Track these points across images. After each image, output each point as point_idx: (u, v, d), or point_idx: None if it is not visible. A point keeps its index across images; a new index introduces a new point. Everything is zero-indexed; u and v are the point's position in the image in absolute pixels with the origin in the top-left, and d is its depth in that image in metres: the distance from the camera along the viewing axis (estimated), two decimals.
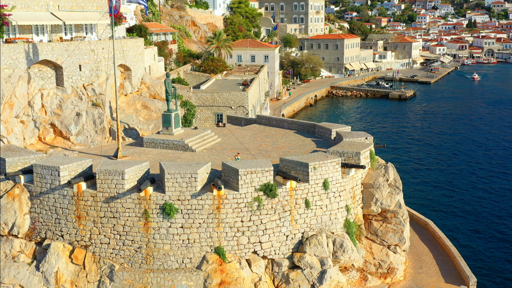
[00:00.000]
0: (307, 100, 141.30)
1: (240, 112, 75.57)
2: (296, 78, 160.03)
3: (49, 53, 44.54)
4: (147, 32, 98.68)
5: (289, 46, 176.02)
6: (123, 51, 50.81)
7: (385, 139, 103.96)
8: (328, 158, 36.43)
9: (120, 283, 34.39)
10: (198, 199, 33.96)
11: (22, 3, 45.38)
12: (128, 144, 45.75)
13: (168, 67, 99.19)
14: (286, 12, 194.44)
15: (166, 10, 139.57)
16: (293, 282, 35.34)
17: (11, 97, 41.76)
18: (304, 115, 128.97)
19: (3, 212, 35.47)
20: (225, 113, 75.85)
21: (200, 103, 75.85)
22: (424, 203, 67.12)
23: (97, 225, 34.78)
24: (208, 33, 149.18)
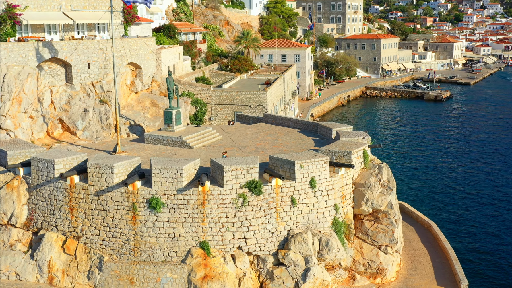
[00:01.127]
0: (339, 100, 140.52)
1: (259, 111, 76.13)
2: (330, 78, 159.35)
3: (58, 51, 46.27)
4: (175, 31, 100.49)
5: (325, 46, 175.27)
6: (133, 49, 52.16)
7: (410, 140, 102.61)
8: (316, 157, 36.63)
9: (108, 273, 35.60)
10: (184, 194, 34.78)
11: (34, 3, 47.31)
12: (131, 140, 47.08)
13: (196, 66, 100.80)
14: (323, 12, 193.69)
15: (200, 10, 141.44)
16: (277, 279, 35.75)
17: (20, 93, 43.65)
18: (335, 115, 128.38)
19: (3, 202, 37.24)
20: (244, 112, 76.63)
21: (220, 101, 76.87)
22: (438, 207, 66.14)
23: (88, 217, 36.10)
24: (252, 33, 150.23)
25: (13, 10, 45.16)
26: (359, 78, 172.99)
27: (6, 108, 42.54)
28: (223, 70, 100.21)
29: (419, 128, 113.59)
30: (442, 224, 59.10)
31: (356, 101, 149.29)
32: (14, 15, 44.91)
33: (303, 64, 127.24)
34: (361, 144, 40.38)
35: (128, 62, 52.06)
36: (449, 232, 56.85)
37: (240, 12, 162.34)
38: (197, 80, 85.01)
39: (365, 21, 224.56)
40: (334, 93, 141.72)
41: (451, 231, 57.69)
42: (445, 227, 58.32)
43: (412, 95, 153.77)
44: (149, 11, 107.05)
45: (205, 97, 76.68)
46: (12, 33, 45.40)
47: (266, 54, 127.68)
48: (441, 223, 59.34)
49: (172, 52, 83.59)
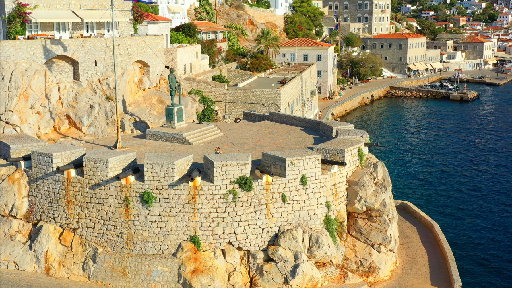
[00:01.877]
0: (362, 100, 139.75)
1: (272, 110, 76.44)
2: (354, 77, 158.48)
3: (66, 49, 47.55)
4: (195, 30, 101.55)
5: (351, 45, 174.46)
6: (141, 47, 53.19)
7: (429, 140, 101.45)
8: (307, 154, 36.87)
9: (102, 265, 36.55)
10: (175, 189, 35.46)
11: (44, 2, 48.74)
12: (134, 136, 48.06)
13: (216, 65, 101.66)
14: (350, 11, 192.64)
15: (224, 9, 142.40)
16: (267, 274, 36.12)
17: (27, 89, 45.06)
18: (357, 114, 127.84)
19: (4, 194, 38.58)
20: (258, 110, 77.08)
21: (233, 100, 77.49)
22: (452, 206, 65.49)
23: (83, 210, 37.11)
24: (272, 32, 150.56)
25: (23, 9, 46.57)
26: (385, 78, 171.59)
27: (13, 103, 43.97)
28: (241, 69, 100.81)
29: (439, 128, 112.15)
30: (450, 225, 58.63)
31: (380, 101, 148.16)
32: (23, 14, 46.32)
33: (325, 63, 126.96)
34: (356, 142, 40.41)
35: (136, 60, 53.07)
36: (458, 234, 56.35)
37: (265, 11, 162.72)
38: (213, 78, 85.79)
39: (393, 20, 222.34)
40: (357, 92, 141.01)
41: (459, 232, 57.11)
42: (452, 228, 57.87)
43: (437, 96, 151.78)
44: (170, 10, 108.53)
45: (219, 95, 77.41)
46: (21, 31, 46.86)
47: (288, 53, 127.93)
48: (450, 225, 58.90)
49: (189, 50, 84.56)
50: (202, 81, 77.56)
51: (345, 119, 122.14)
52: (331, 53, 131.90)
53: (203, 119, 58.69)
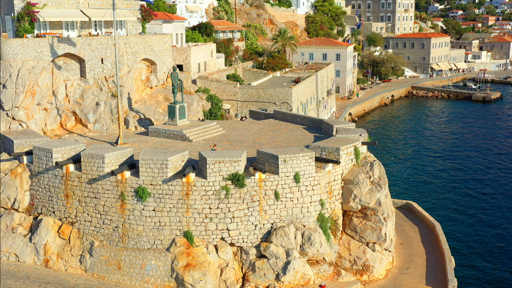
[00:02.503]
0: (381, 99, 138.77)
1: (284, 108, 76.69)
2: (375, 77, 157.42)
3: (72, 47, 48.62)
4: (212, 29, 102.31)
5: (373, 44, 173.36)
6: (148, 46, 54.01)
7: (444, 140, 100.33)
8: (301, 152, 37.08)
9: (98, 258, 37.37)
10: (169, 184, 36.05)
11: (53, 1, 49.89)
12: (138, 133, 48.87)
13: (233, 64, 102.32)
14: (373, 10, 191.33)
15: (244, 8, 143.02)
16: (259, 271, 36.47)
17: (34, 86, 46.23)
18: (376, 114, 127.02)
19: (7, 188, 39.72)
20: (269, 109, 77.38)
21: (246, 98, 78.00)
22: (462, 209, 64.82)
23: (81, 204, 37.99)
24: (289, 31, 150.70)
25: (31, 8, 47.77)
26: (407, 77, 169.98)
27: (19, 100, 45.17)
28: (257, 68, 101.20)
29: (458, 128, 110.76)
30: (457, 227, 58.11)
31: (401, 101, 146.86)
32: (31, 13, 47.51)
33: (344, 63, 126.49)
34: (352, 140, 40.43)
35: (143, 58, 53.91)
36: (464, 236, 55.81)
37: (286, 10, 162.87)
38: (228, 77, 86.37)
39: (418, 20, 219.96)
40: (377, 92, 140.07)
41: (464, 234, 56.58)
42: (458, 231, 57.35)
43: (459, 96, 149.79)
44: (188, 9, 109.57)
45: (231, 94, 78.02)
46: (30, 29, 48.06)
47: (306, 52, 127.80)
48: (457, 226, 58.40)
49: (203, 49, 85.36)
50: (215, 80, 78.21)
51: (363, 119, 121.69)
52: (350, 53, 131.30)
53: (210, 117, 59.28)
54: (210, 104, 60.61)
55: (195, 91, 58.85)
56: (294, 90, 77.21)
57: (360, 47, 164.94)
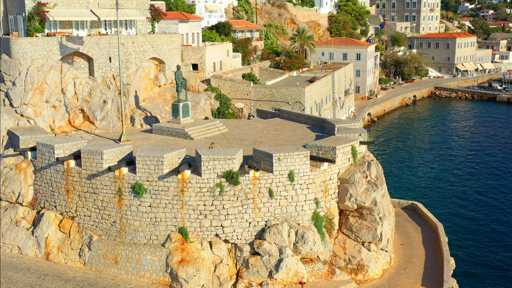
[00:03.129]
0: (403, 100, 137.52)
1: (297, 108, 76.84)
2: (398, 77, 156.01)
3: (81, 46, 49.73)
4: (230, 29, 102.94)
5: (397, 44, 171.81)
6: (156, 45, 54.86)
7: (463, 142, 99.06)
8: (295, 151, 37.32)
9: (96, 252, 38.26)
10: (165, 181, 36.71)
11: (63, 1, 51.09)
12: (143, 130, 49.72)
13: (251, 63, 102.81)
14: (397, 10, 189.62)
15: (265, 8, 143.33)
16: (252, 267, 36.85)
17: (42, 84, 47.45)
18: (396, 115, 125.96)
19: (12, 182, 40.94)
20: (282, 108, 77.62)
21: (259, 98, 78.36)
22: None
23: (81, 199, 38.95)
24: (307, 31, 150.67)
25: (41, 8, 49.02)
26: (431, 78, 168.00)
27: (28, 97, 46.43)
28: (275, 67, 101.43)
29: (478, 129, 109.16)
30: (465, 229, 57.54)
31: (423, 101, 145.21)
32: (41, 12, 48.76)
33: (364, 63, 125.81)
34: (350, 140, 40.48)
35: (151, 57, 54.77)
36: (470, 239, 55.21)
37: (309, 10, 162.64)
38: (243, 76, 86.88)
39: (444, 19, 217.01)
40: (398, 92, 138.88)
41: (471, 238, 55.96)
42: (466, 233, 56.78)
43: (484, 97, 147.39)
44: (207, 9, 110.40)
45: (245, 93, 78.48)
46: (40, 29, 49.33)
47: (327, 52, 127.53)
48: (465, 229, 57.85)
49: (219, 49, 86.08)
50: (229, 79, 78.77)
51: (383, 119, 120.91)
52: (371, 53, 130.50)
53: (218, 116, 59.85)
54: (219, 103, 61.13)
55: (204, 89, 59.42)
56: (307, 90, 77.24)
57: (383, 47, 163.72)
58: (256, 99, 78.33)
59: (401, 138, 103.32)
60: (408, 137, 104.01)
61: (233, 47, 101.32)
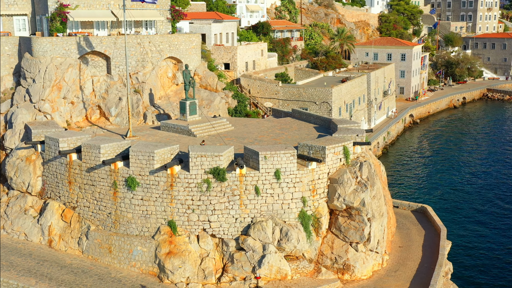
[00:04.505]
0: (450, 102, 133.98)
1: (324, 108, 76.98)
2: (448, 78, 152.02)
3: (98, 45, 52.17)
4: (269, 29, 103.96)
5: (450, 45, 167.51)
6: (173, 45, 56.64)
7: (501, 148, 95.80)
8: (282, 149, 37.94)
9: (93, 241, 40.31)
10: (155, 176, 38.24)
11: (85, 2, 53.72)
12: (153, 127, 51.56)
13: (290, 63, 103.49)
14: (453, 9, 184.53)
15: (312, 7, 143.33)
16: (237, 262, 37.79)
17: (60, 81, 50.17)
18: (442, 117, 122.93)
19: (22, 173, 43.69)
20: (310, 108, 77.97)
21: (287, 97, 79.02)
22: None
23: (81, 190, 41.11)
24: (355, 30, 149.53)
25: (63, 9, 51.78)
26: (485, 79, 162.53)
27: (45, 93, 49.22)
28: (312, 67, 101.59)
29: None
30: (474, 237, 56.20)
31: (473, 103, 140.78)
32: (62, 13, 51.51)
33: (409, 63, 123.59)
34: (341, 140, 40.64)
35: (168, 56, 56.61)
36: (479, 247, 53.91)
37: (358, 9, 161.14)
38: (276, 76, 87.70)
39: (504, 19, 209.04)
40: (447, 94, 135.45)
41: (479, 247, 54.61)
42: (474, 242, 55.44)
43: None
44: (249, 9, 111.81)
45: (273, 93, 79.35)
46: (61, 29, 52.12)
47: (371, 52, 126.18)
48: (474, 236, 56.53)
49: (252, 48, 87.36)
50: (258, 78, 79.86)
51: (427, 121, 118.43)
52: (418, 53, 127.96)
53: (235, 114, 61.00)
54: (236, 102, 62.29)
55: (222, 88, 60.72)
56: (335, 90, 77.14)
57: (434, 47, 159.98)
58: (284, 99, 79.00)
59: (442, 140, 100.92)
60: (450, 140, 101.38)
61: (271, 46, 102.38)
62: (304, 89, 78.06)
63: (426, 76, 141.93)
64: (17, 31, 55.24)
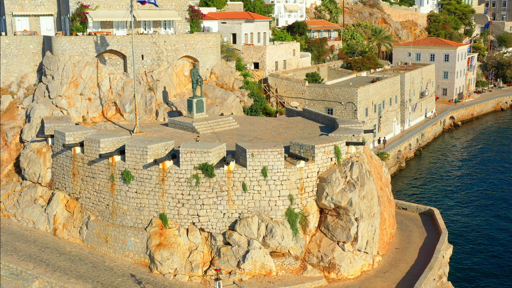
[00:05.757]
0: (497, 104, 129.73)
1: (349, 108, 76.75)
2: (499, 80, 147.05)
3: (115, 44, 54.38)
4: (305, 29, 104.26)
5: (504, 45, 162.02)
6: (189, 44, 58.22)
7: None
8: (269, 147, 38.64)
9: (91, 231, 42.34)
10: (148, 170, 39.80)
11: (105, 2, 56.12)
12: (163, 123, 53.21)
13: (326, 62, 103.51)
14: (508, 9, 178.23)
15: (356, 7, 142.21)
16: (223, 256, 38.84)
17: (77, 79, 52.68)
18: (485, 120, 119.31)
19: (33, 164, 46.33)
20: (335, 108, 77.98)
21: (313, 97, 79.29)
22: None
23: (84, 182, 43.23)
24: (400, 30, 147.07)
25: (83, 10, 54.31)
26: None
27: (63, 90, 51.83)
28: (346, 67, 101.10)
29: None
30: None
31: None
32: (82, 14, 54.03)
33: (452, 64, 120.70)
34: (333, 139, 40.85)
35: (184, 55, 58.23)
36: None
37: (406, 9, 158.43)
38: (307, 75, 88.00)
39: None
40: (494, 96, 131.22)
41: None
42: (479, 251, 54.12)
43: None
44: (287, 9, 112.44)
45: (299, 92, 79.83)
46: (81, 28, 54.68)
47: (413, 52, 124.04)
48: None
49: (282, 48, 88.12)
50: (285, 78, 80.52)
51: (470, 124, 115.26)
52: (463, 53, 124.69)
53: (250, 113, 61.92)
54: (253, 101, 63.18)
55: (238, 87, 61.83)
56: (361, 90, 76.72)
57: (485, 48, 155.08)
58: (310, 98, 79.32)
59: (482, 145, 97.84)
60: (491, 145, 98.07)
61: (306, 46, 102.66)
62: (330, 89, 78.08)
63: (474, 78, 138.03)
64: (44, 30, 58.23)
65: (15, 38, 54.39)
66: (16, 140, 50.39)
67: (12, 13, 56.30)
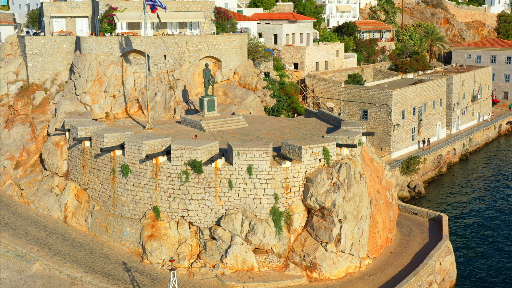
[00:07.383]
0: None
1: (384, 110, 75.82)
2: None
3: (138, 44, 57.15)
4: (354, 29, 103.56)
5: None
6: (212, 45, 60.07)
7: None
8: (255, 147, 39.66)
9: (95, 220, 45.12)
10: (143, 164, 41.97)
11: (132, 5, 59.06)
12: (176, 121, 55.26)
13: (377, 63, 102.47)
14: None
15: (418, 7, 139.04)
16: (208, 250, 40.35)
17: (102, 77, 55.90)
18: None
19: (51, 156, 49.84)
20: (370, 110, 77.25)
21: (348, 98, 78.93)
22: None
23: (91, 174, 46.10)
24: (465, 31, 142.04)
25: (111, 12, 57.51)
26: None
27: (87, 87, 55.19)
28: (394, 69, 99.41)
29: None
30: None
31: None
32: (109, 15, 57.23)
33: None
34: (322, 141, 41.21)
35: (206, 56, 60.14)
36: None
37: (474, 9, 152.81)
38: (349, 76, 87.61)
39: None
40: None
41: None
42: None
43: None
44: (339, 9, 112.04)
45: (335, 93, 79.69)
46: (109, 29, 57.90)
47: (474, 54, 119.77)
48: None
49: (324, 49, 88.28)
50: (322, 79, 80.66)
51: None
52: None
53: (272, 113, 62.79)
54: (275, 101, 63.98)
55: (262, 87, 62.96)
56: (396, 93, 75.52)
57: None
58: (346, 100, 79.00)
59: None
60: None
61: (354, 47, 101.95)
62: (365, 91, 77.43)
63: None
64: (79, 31, 62.06)
65: (50, 38, 58.39)
66: (44, 133, 54.20)
67: (50, 15, 60.42)
